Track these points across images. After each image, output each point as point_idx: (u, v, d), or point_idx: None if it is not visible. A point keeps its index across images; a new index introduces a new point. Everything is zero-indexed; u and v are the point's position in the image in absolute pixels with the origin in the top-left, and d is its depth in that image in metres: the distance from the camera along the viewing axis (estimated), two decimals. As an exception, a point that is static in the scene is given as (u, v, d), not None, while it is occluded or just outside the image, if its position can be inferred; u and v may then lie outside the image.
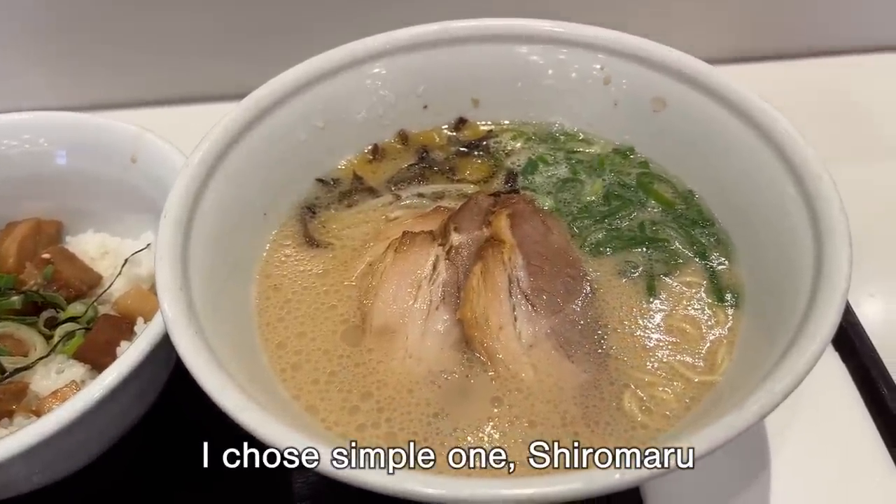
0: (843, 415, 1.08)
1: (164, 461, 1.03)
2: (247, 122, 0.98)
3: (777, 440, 1.03)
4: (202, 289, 0.83)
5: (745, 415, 0.66)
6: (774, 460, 1.02)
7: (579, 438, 0.78)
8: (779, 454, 1.02)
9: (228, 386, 0.71)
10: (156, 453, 1.04)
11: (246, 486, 0.98)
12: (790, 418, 1.06)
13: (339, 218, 1.03)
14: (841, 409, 1.09)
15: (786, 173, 0.89)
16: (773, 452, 1.02)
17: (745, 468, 1.00)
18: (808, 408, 1.07)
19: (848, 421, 1.07)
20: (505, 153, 1.11)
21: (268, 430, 0.67)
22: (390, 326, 0.88)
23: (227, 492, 0.99)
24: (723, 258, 0.95)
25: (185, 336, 0.74)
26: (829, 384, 1.11)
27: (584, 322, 0.89)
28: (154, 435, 1.02)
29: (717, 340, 0.87)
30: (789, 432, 1.04)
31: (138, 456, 1.03)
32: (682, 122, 1.03)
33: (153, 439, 1.03)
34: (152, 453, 1.04)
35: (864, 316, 1.19)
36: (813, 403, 1.08)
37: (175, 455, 1.04)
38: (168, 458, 1.03)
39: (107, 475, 1.00)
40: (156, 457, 1.04)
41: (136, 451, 1.02)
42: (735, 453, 1.02)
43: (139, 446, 1.02)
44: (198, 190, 0.89)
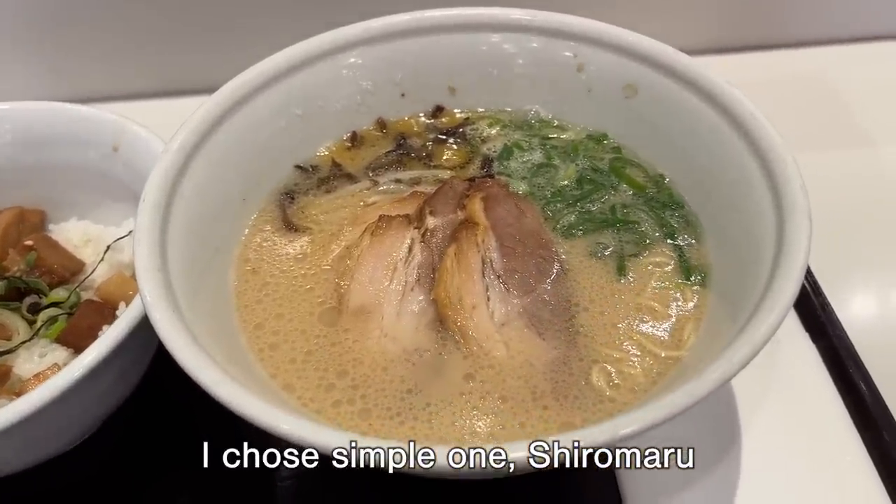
0: (813, 393, 1.10)
1: (149, 444, 1.05)
2: (225, 110, 0.99)
3: (748, 418, 1.05)
4: (181, 271, 0.85)
5: (703, 383, 0.68)
6: (745, 437, 1.04)
7: (549, 411, 0.81)
8: (749, 432, 1.05)
9: (205, 362, 0.72)
10: (140, 436, 1.05)
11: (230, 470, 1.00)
12: (762, 397, 1.08)
13: (318, 203, 1.05)
14: (811, 389, 1.11)
15: (751, 155, 0.91)
16: (743, 430, 1.05)
17: (716, 444, 1.03)
18: (780, 387, 1.10)
19: (818, 399, 1.10)
20: (481, 140, 1.13)
21: (244, 403, 0.69)
22: (366, 307, 0.90)
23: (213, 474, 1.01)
24: (691, 239, 0.97)
25: (163, 314, 0.76)
26: (800, 364, 1.13)
27: (555, 301, 0.91)
28: (138, 418, 1.04)
29: (684, 317, 0.89)
30: (760, 411, 1.07)
31: (122, 439, 1.05)
32: (653, 107, 1.05)
33: (137, 423, 1.05)
34: (136, 436, 1.05)
35: (837, 299, 1.21)
36: (784, 383, 1.11)
37: (159, 439, 1.06)
38: (152, 441, 1.05)
39: (90, 459, 1.02)
40: (140, 440, 1.05)
41: (120, 434, 1.04)
42: (706, 430, 1.04)
43: (123, 430, 1.04)
44: (176, 175, 0.91)
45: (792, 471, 1.01)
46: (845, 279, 1.31)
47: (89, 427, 0.98)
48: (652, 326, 0.88)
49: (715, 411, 1.07)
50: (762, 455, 1.02)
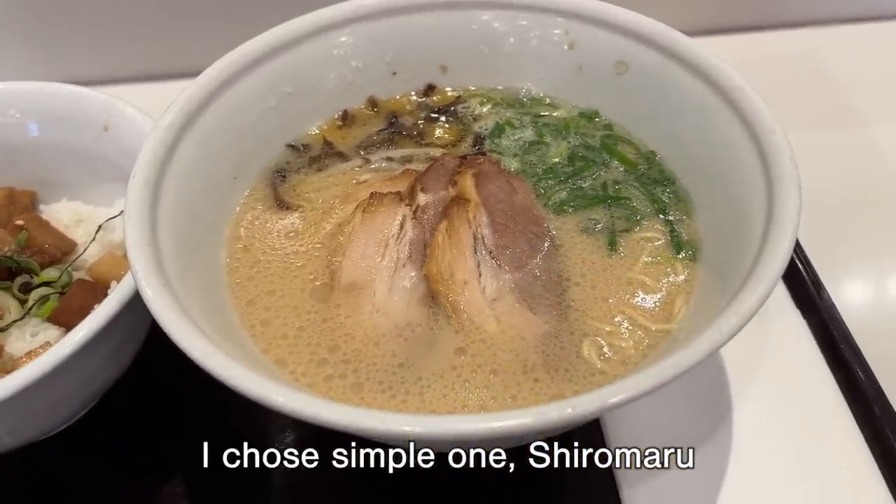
0: (804, 370, 1.11)
1: (142, 427, 1.05)
2: (214, 89, 0.99)
3: (739, 393, 1.06)
4: (171, 248, 0.85)
5: (692, 353, 0.69)
6: (736, 413, 1.05)
7: (540, 384, 0.81)
8: (741, 407, 1.05)
9: (196, 335, 0.72)
10: (133, 418, 1.05)
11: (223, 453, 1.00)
12: (752, 373, 1.09)
13: (309, 181, 1.05)
14: (802, 365, 1.12)
15: (741, 128, 0.91)
16: (735, 405, 1.05)
17: (707, 420, 1.03)
18: (771, 363, 1.10)
19: (808, 375, 1.10)
20: (473, 118, 1.13)
21: (235, 375, 0.69)
22: (358, 283, 0.90)
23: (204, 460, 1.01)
24: (682, 214, 0.97)
25: (154, 288, 0.76)
26: (791, 341, 1.14)
27: (546, 276, 0.91)
28: (131, 400, 1.04)
29: (675, 291, 0.89)
30: (752, 386, 1.08)
31: (114, 421, 1.05)
32: (644, 84, 1.05)
33: (130, 404, 1.05)
34: (129, 418, 1.05)
35: (828, 278, 1.21)
36: (775, 360, 1.11)
37: (153, 421, 1.06)
38: (146, 423, 1.05)
39: (81, 440, 1.02)
40: (133, 422, 1.05)
41: (112, 415, 1.04)
42: (697, 406, 1.05)
43: (115, 411, 1.04)
44: (166, 153, 0.91)
45: (782, 446, 1.02)
46: (837, 259, 1.31)
47: (80, 407, 0.98)
48: (643, 300, 0.89)
49: (706, 388, 1.07)
50: (752, 431, 1.03)
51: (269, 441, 1.04)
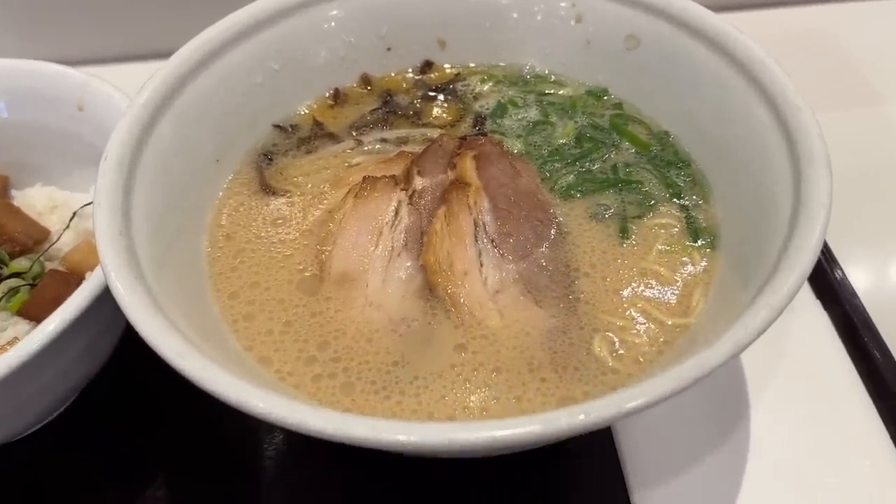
0: (826, 364, 1.04)
1: (118, 428, 0.99)
2: (196, 64, 0.92)
3: (757, 390, 1.00)
4: (146, 236, 0.78)
5: (716, 353, 0.62)
6: (754, 411, 0.98)
7: (547, 384, 0.74)
8: (758, 404, 0.99)
9: (170, 333, 0.66)
10: (109, 419, 0.99)
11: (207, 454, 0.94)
12: (771, 367, 1.02)
13: (298, 164, 0.98)
14: (823, 359, 1.05)
15: (763, 105, 0.85)
16: (752, 402, 0.99)
17: (723, 418, 0.97)
18: (790, 357, 1.04)
19: (830, 370, 1.04)
20: (473, 96, 1.06)
21: (209, 376, 0.62)
22: (350, 274, 0.84)
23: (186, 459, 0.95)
24: (698, 198, 0.91)
25: (124, 281, 0.69)
26: (811, 333, 1.07)
27: (553, 267, 0.84)
28: (107, 399, 0.98)
29: (692, 282, 0.83)
30: (770, 382, 1.01)
31: (89, 422, 0.98)
32: (656, 59, 0.98)
33: (106, 404, 0.98)
34: (105, 419, 0.99)
35: (849, 265, 1.15)
36: (795, 354, 1.05)
37: (130, 422, 0.99)
38: (122, 424, 0.98)
39: (52, 442, 0.96)
40: (109, 423, 0.99)
41: (87, 417, 0.97)
42: (713, 403, 0.98)
43: (90, 412, 0.97)
44: (142, 133, 0.84)
45: (803, 443, 0.96)
46: (857, 244, 1.24)
47: (53, 407, 0.91)
48: (657, 292, 0.82)
49: (721, 382, 1.01)
50: (772, 429, 0.96)
51: (257, 439, 0.97)
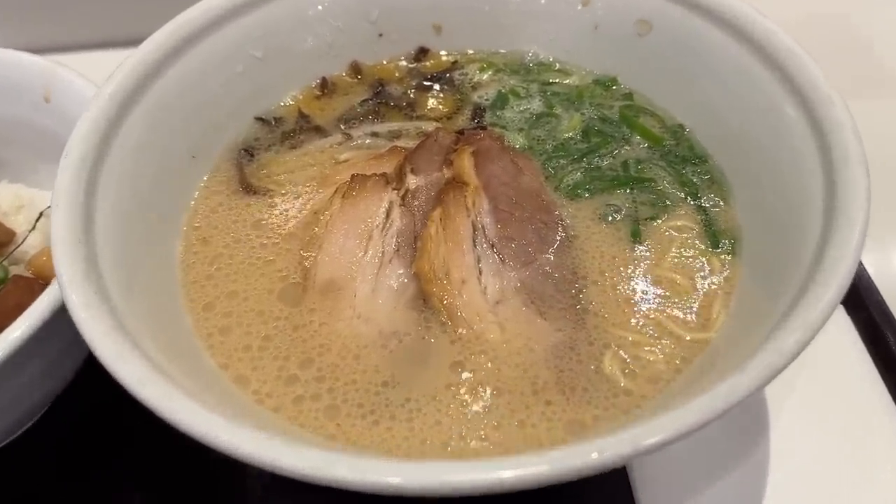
0: (850, 375, 0.96)
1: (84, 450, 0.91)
2: (170, 51, 0.85)
3: (777, 405, 0.92)
4: (111, 242, 0.71)
5: (747, 379, 0.55)
6: (774, 429, 0.90)
7: (553, 407, 0.67)
8: (778, 421, 0.91)
9: (129, 354, 0.59)
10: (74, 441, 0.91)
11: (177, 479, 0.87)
12: (791, 380, 0.95)
13: (281, 161, 0.90)
14: (847, 369, 0.97)
15: (788, 97, 0.77)
16: (772, 419, 0.91)
17: (741, 434, 0.90)
18: (810, 367, 0.96)
19: (856, 382, 0.96)
20: (471, 86, 0.98)
21: (172, 406, 0.55)
22: (336, 282, 0.76)
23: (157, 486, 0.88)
24: (717, 198, 0.83)
25: (78, 294, 0.62)
26: (834, 341, 1.00)
27: (558, 274, 0.77)
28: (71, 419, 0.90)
29: (712, 292, 0.75)
30: (790, 396, 0.94)
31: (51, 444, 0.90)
32: (670, 46, 0.91)
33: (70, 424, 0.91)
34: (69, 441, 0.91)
35: (871, 264, 1.07)
36: (815, 362, 0.97)
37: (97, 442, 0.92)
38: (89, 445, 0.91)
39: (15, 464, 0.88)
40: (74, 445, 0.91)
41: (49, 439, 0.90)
42: (729, 417, 0.91)
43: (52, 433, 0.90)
44: (109, 127, 0.77)
45: (826, 464, 0.88)
46: (881, 243, 1.17)
47: (9, 429, 0.84)
48: (673, 303, 0.75)
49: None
50: (792, 449, 0.88)
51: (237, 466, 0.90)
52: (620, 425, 0.64)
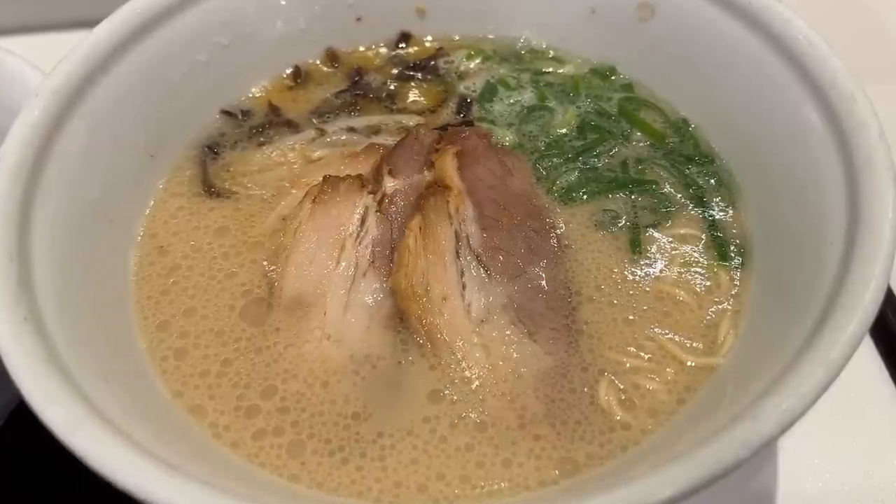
0: (874, 409, 0.87)
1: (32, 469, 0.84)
2: (123, 39, 0.77)
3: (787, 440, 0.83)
4: (50, 258, 0.64)
5: (762, 426, 0.48)
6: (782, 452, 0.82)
7: (542, 443, 0.60)
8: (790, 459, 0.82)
9: (61, 394, 0.52)
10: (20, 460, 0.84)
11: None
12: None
13: (248, 159, 0.83)
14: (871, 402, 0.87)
15: (805, 92, 0.71)
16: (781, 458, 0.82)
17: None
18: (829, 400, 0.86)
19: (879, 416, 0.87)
20: (457, 75, 0.91)
21: (106, 456, 0.49)
22: (304, 298, 0.69)
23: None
24: (725, 204, 0.76)
25: (5, 321, 0.55)
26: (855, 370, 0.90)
27: (550, 289, 0.70)
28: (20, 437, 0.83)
29: (719, 311, 0.68)
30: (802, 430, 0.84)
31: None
32: (674, 32, 0.85)
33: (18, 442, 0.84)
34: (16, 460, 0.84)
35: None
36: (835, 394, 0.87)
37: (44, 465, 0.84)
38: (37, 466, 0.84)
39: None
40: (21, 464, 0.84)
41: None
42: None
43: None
44: (51, 127, 0.69)
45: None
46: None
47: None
48: (677, 323, 0.68)
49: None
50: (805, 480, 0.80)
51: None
52: (618, 470, 0.57)
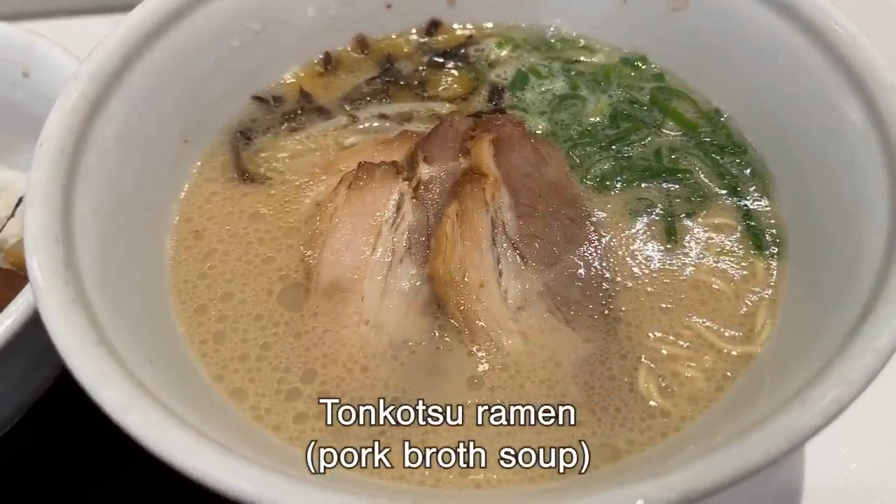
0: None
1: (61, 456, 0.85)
2: (157, 25, 0.77)
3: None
4: (93, 240, 0.64)
5: (809, 415, 0.49)
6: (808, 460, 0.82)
7: (582, 429, 0.61)
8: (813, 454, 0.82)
9: (112, 374, 0.53)
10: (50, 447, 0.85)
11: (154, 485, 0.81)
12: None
13: (280, 145, 0.83)
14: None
15: (843, 85, 0.71)
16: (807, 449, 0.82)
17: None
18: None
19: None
20: (488, 63, 0.91)
21: (161, 437, 0.49)
22: (342, 284, 0.70)
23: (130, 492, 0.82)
24: (759, 194, 0.76)
25: (55, 303, 0.56)
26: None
27: (586, 276, 0.70)
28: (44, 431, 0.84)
29: (756, 300, 0.69)
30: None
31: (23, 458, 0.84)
32: (707, 22, 0.84)
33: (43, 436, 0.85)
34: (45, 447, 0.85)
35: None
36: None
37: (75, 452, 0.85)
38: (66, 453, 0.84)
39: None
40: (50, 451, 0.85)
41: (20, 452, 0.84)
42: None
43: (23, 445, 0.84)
44: (90, 112, 0.69)
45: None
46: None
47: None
48: (713, 312, 0.68)
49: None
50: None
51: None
52: (659, 456, 0.58)
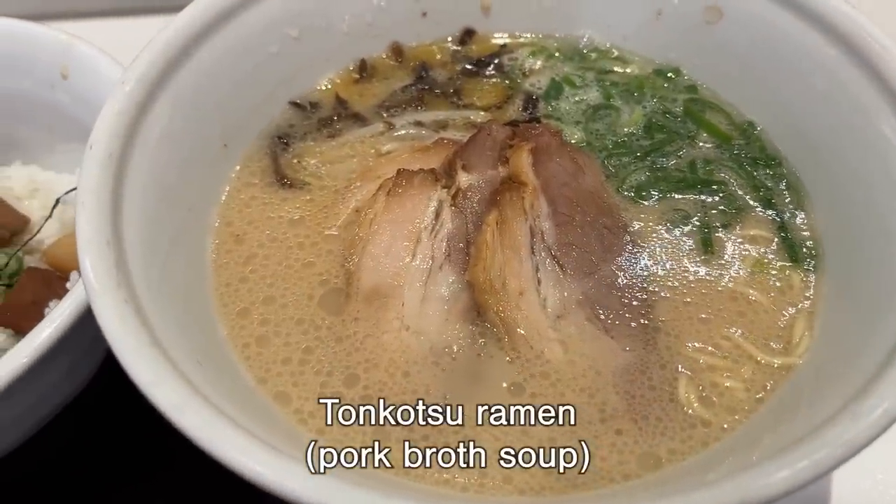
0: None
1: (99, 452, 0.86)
2: (201, 30, 0.78)
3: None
4: (139, 242, 0.65)
5: (860, 427, 0.49)
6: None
7: (624, 438, 0.61)
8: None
9: (166, 375, 0.53)
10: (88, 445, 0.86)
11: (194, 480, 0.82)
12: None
13: (318, 151, 0.84)
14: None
15: (879, 98, 0.71)
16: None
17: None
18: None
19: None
20: (522, 73, 0.91)
21: (215, 437, 0.50)
22: (382, 289, 0.70)
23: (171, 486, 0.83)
24: (795, 207, 0.77)
25: (109, 304, 0.57)
26: None
27: (624, 286, 0.71)
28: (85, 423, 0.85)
29: (793, 312, 0.69)
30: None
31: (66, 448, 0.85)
32: (742, 36, 0.84)
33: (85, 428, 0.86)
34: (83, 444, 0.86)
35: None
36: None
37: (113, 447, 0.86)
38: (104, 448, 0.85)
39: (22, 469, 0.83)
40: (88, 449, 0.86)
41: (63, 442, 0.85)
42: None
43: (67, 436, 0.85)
44: (136, 115, 0.70)
45: None
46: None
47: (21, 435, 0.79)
48: (752, 323, 0.69)
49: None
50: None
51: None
52: (701, 466, 0.59)
